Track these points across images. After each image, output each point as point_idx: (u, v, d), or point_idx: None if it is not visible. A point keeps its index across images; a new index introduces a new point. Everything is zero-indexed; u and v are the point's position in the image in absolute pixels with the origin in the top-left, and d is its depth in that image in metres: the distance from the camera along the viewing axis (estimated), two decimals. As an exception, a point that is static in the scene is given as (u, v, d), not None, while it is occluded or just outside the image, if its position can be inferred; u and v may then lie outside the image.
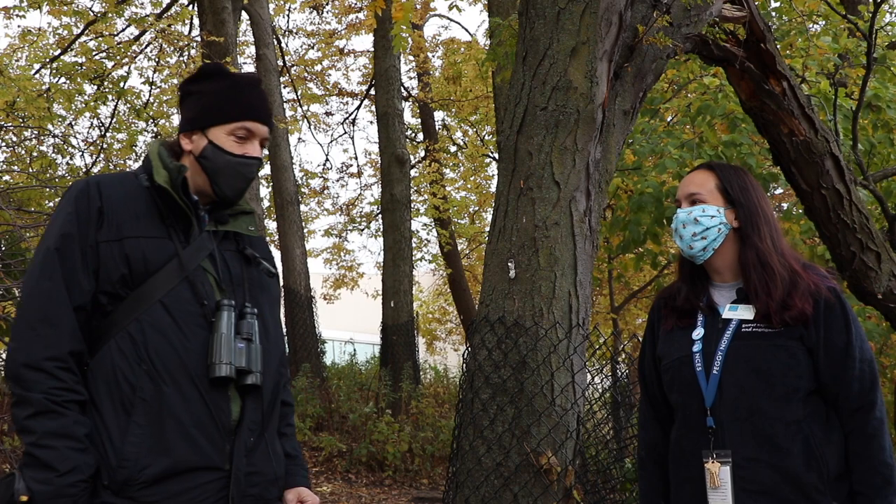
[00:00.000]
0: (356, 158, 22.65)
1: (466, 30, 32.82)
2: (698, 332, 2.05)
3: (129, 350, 1.67)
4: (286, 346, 2.01)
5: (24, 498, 1.56)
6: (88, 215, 1.72)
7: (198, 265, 1.77)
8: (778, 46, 4.30)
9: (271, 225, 13.85)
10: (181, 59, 11.39)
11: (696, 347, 2.03)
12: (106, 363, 1.68)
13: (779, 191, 8.19)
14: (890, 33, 8.04)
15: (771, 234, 2.06)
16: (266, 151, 1.93)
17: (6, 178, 9.07)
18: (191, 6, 11.63)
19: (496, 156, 13.15)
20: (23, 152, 9.59)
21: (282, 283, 9.54)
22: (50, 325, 1.64)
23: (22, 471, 1.60)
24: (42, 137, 9.54)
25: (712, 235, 2.06)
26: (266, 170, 12.24)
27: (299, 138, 16.82)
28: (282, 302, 2.04)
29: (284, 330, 2.09)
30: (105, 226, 1.72)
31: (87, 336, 1.71)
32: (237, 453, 1.72)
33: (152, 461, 1.63)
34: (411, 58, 15.80)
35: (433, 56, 16.60)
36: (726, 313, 2.04)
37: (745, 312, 2.02)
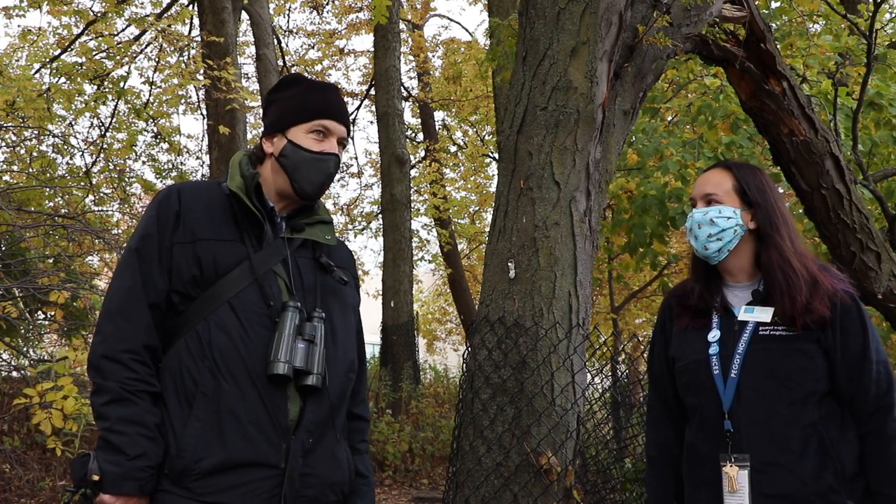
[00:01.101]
0: (356, 158, 22.62)
1: (466, 30, 32.85)
2: (714, 335, 2.04)
3: (195, 347, 1.75)
4: (362, 353, 2.03)
5: (96, 477, 1.66)
6: (167, 219, 1.82)
7: (269, 269, 1.83)
8: (778, 47, 4.30)
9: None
10: (181, 59, 11.39)
11: (713, 350, 2.02)
12: (174, 360, 1.77)
13: (779, 191, 8.18)
14: (890, 33, 8.04)
15: (790, 235, 2.06)
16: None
17: (6, 178, 9.07)
18: (191, 6, 11.63)
19: (496, 156, 13.15)
20: (23, 152, 9.59)
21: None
22: (127, 320, 1.75)
23: (96, 453, 1.69)
24: (42, 137, 9.54)
25: (728, 237, 2.05)
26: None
27: (299, 138, 16.73)
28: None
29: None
30: (181, 229, 1.81)
31: (162, 334, 1.80)
32: (293, 453, 1.75)
33: (208, 454, 1.70)
34: (411, 58, 15.82)
35: (433, 56, 16.61)
36: (742, 315, 2.03)
37: (762, 314, 2.00)
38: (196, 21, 10.47)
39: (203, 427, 1.71)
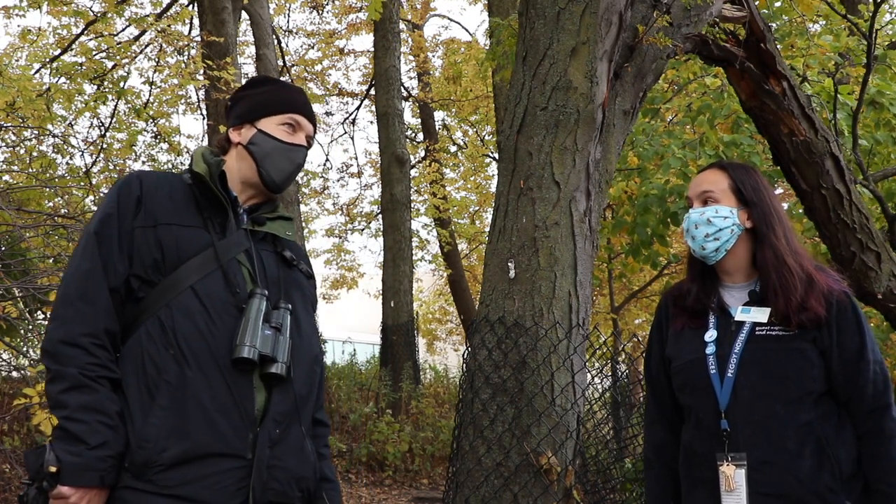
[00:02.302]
0: (356, 158, 22.67)
1: (466, 30, 32.85)
2: (711, 334, 2.04)
3: (158, 334, 1.70)
4: (322, 348, 2.01)
5: (54, 469, 1.57)
6: (128, 203, 1.78)
7: (232, 258, 1.81)
8: (778, 47, 4.30)
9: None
10: (181, 59, 11.39)
11: (710, 350, 2.02)
12: (135, 348, 1.71)
13: (779, 191, 8.18)
14: (890, 33, 8.04)
15: (785, 234, 2.06)
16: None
17: (6, 178, 9.06)
18: (191, 6, 11.63)
19: (496, 156, 13.15)
20: (23, 152, 9.59)
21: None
22: (88, 303, 1.69)
23: (52, 444, 1.61)
24: (42, 137, 9.54)
25: (725, 236, 2.05)
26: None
27: (299, 138, 16.73)
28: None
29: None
30: (142, 213, 1.78)
31: (121, 322, 1.74)
32: (260, 443, 1.71)
33: (172, 443, 1.64)
34: (411, 58, 15.82)
35: (433, 56, 16.62)
36: (739, 315, 2.03)
37: (759, 315, 2.01)
38: (196, 21, 10.47)
39: (167, 416, 1.65)
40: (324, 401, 2.02)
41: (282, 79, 2.22)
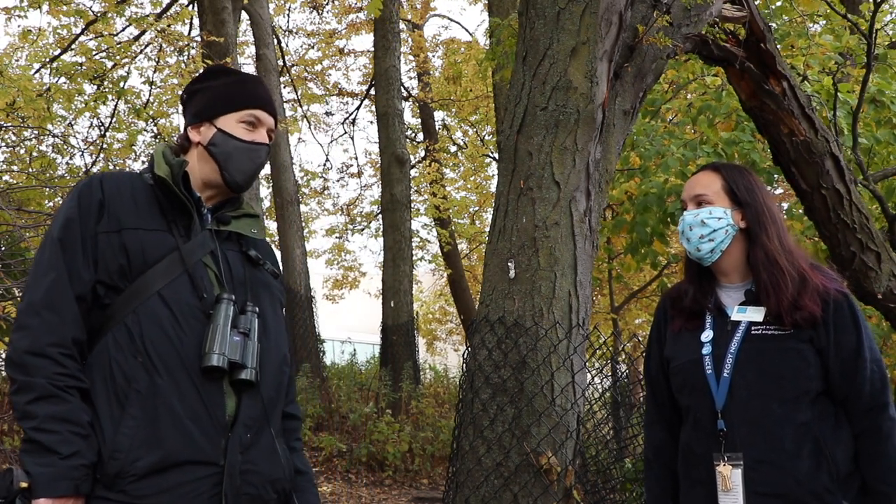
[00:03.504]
0: (356, 158, 22.64)
1: (466, 30, 32.85)
2: (707, 335, 2.05)
3: (126, 342, 1.67)
4: (290, 348, 1.97)
5: (24, 484, 1.54)
6: (90, 208, 1.73)
7: (198, 260, 1.77)
8: (778, 47, 4.30)
9: (271, 225, 13.84)
10: (181, 59, 11.39)
11: (706, 350, 2.03)
12: (102, 357, 1.68)
13: (779, 191, 8.19)
14: (890, 32, 8.04)
15: (778, 234, 2.06)
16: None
17: (6, 178, 9.06)
18: (191, 6, 11.63)
19: (496, 156, 13.15)
20: (23, 152, 9.59)
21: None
22: (54, 313, 1.65)
23: (21, 458, 1.58)
24: (42, 137, 9.54)
25: (720, 237, 2.06)
26: (266, 170, 12.25)
27: (299, 138, 16.82)
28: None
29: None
30: (105, 217, 1.73)
31: (87, 330, 1.70)
32: (231, 449, 1.69)
33: (144, 453, 1.61)
34: (411, 58, 15.82)
35: (433, 56, 16.62)
36: (735, 315, 2.04)
37: (755, 314, 2.01)
38: (196, 21, 10.48)
39: (138, 425, 1.62)
40: (295, 395, 2.00)
41: (240, 69, 2.14)
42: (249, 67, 14.17)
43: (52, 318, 1.64)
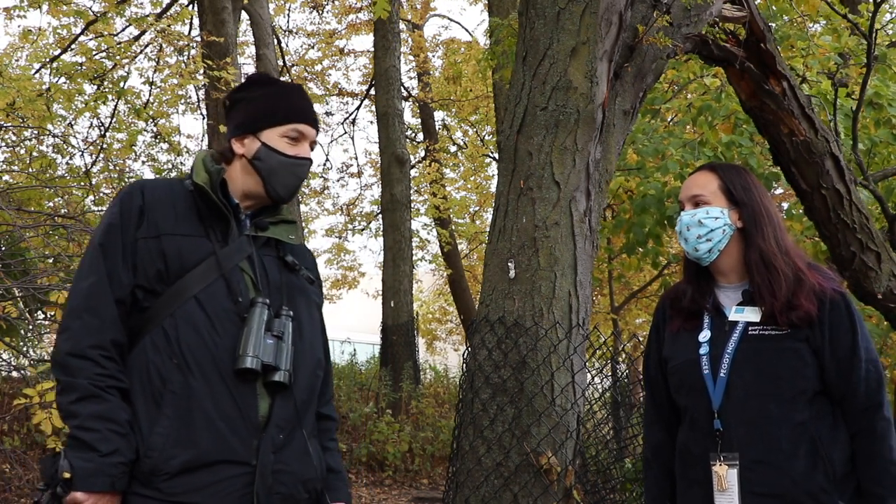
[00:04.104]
0: (356, 158, 22.63)
1: (466, 30, 32.81)
2: (705, 335, 2.05)
3: (163, 344, 1.73)
4: (326, 351, 2.03)
5: (67, 475, 1.61)
6: (130, 214, 1.80)
7: (235, 265, 1.82)
8: (778, 47, 4.30)
9: (271, 225, 13.81)
10: (181, 59, 11.39)
11: (703, 350, 2.03)
12: (140, 358, 1.74)
13: (779, 191, 8.18)
14: (890, 33, 8.04)
15: (774, 234, 2.06)
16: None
17: (6, 178, 9.06)
18: (191, 6, 11.63)
19: (496, 156, 13.15)
20: (23, 152, 9.59)
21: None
22: (94, 316, 1.72)
23: (65, 452, 1.65)
24: (42, 137, 9.54)
25: (717, 237, 2.06)
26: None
27: (299, 138, 16.73)
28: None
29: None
30: (145, 223, 1.79)
31: (127, 332, 1.76)
32: (264, 449, 1.73)
33: (178, 452, 1.67)
34: (411, 58, 15.82)
35: (433, 56, 16.62)
36: (732, 315, 2.04)
37: (752, 314, 2.01)
38: (196, 21, 10.47)
39: (172, 425, 1.68)
40: (331, 396, 2.04)
41: (281, 78, 2.17)
42: (249, 67, 14.17)
43: (93, 321, 1.71)
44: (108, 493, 1.64)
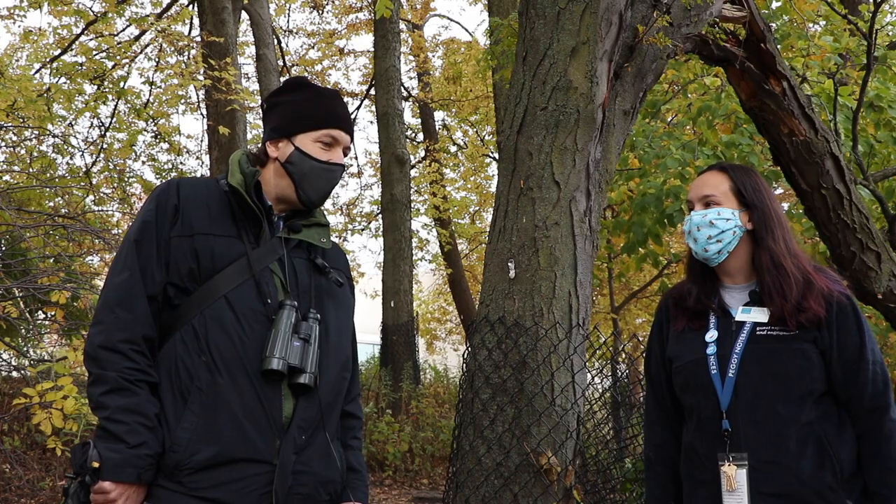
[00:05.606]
0: (356, 158, 22.57)
1: (466, 30, 32.81)
2: (712, 335, 2.05)
3: (191, 342, 1.76)
4: (355, 354, 2.05)
5: (96, 464, 1.65)
6: (166, 212, 1.83)
7: (265, 267, 1.84)
8: (778, 47, 4.30)
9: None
10: (181, 59, 11.39)
11: (711, 350, 2.03)
12: (170, 354, 1.77)
13: (779, 191, 8.19)
14: (890, 33, 8.04)
15: (784, 236, 2.06)
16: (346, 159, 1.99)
17: (6, 178, 9.07)
18: (191, 6, 11.63)
19: (496, 156, 13.15)
20: (23, 152, 9.59)
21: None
22: (126, 310, 1.75)
23: (95, 442, 1.69)
24: (42, 137, 9.54)
25: (727, 238, 2.06)
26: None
27: (299, 138, 16.75)
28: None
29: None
30: (179, 222, 1.82)
31: (158, 328, 1.80)
32: (285, 449, 1.76)
33: (201, 448, 1.70)
34: (411, 58, 15.82)
35: (433, 56, 16.61)
36: (740, 316, 2.03)
37: (759, 315, 2.01)
38: (196, 21, 10.48)
39: (198, 421, 1.71)
40: (357, 394, 2.06)
41: (316, 83, 2.18)
42: (249, 67, 14.19)
43: (125, 316, 1.75)
44: (134, 484, 1.68)
